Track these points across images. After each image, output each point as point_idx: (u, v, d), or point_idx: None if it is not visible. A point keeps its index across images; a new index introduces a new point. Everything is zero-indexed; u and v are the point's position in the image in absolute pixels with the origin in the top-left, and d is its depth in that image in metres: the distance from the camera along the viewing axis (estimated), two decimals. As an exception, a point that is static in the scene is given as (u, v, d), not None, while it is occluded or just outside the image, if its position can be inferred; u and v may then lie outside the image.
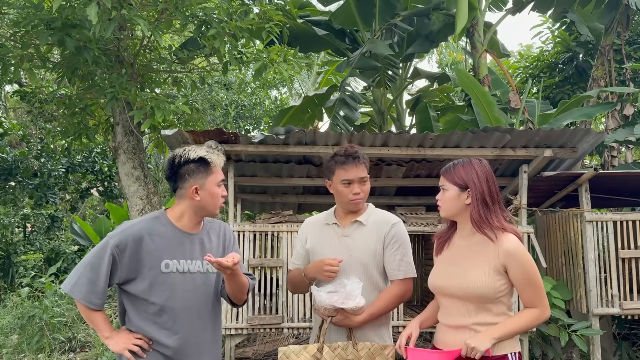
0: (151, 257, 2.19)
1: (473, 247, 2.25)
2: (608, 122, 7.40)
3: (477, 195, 2.22)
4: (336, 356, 2.35)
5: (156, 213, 2.33)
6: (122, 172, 5.78)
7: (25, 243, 9.94)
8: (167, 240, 2.24)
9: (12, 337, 6.55)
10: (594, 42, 8.31)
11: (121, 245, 2.16)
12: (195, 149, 2.28)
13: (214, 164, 2.27)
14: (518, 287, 2.19)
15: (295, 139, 4.41)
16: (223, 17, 5.30)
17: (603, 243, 4.62)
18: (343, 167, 2.47)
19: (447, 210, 2.30)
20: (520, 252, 2.16)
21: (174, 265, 2.22)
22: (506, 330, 2.14)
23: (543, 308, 2.19)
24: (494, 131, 4.36)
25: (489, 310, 2.18)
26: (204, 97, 10.66)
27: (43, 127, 8.74)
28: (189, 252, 2.27)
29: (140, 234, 2.19)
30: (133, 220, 2.30)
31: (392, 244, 2.51)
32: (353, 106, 6.99)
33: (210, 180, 2.25)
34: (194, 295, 2.26)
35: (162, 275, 2.20)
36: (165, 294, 2.20)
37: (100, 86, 5.51)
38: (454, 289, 2.23)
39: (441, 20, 8.19)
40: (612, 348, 5.09)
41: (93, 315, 2.21)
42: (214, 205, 2.28)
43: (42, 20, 4.77)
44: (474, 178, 2.24)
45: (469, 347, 2.09)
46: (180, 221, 2.28)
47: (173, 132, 4.27)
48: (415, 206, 5.34)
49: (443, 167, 2.36)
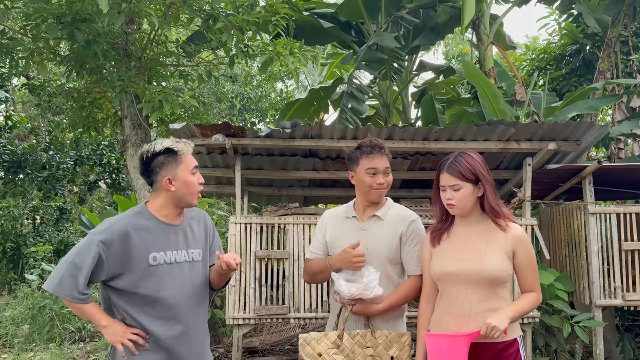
0: (139, 251, 2.21)
1: (481, 234, 2.32)
2: (614, 114, 7.39)
3: (490, 185, 2.30)
4: (355, 343, 2.43)
5: (137, 208, 2.34)
6: (131, 165, 5.85)
7: (35, 235, 10.06)
8: (152, 233, 2.26)
9: (24, 327, 6.67)
10: (601, 34, 8.28)
11: (107, 242, 2.16)
12: (161, 141, 2.29)
13: (182, 152, 2.27)
14: (521, 272, 2.31)
15: (301, 132, 4.46)
16: (230, 11, 5.34)
17: (606, 235, 4.65)
18: (369, 157, 2.57)
19: (464, 207, 2.31)
20: (527, 239, 2.32)
21: (161, 257, 2.25)
22: (517, 310, 2.25)
23: (539, 293, 2.35)
24: (499, 124, 4.39)
25: (498, 295, 2.28)
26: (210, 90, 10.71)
27: (51, 120, 8.82)
28: (174, 243, 2.29)
29: (125, 230, 2.20)
30: (115, 216, 2.30)
31: (410, 241, 2.58)
32: (360, 98, 7.03)
33: (182, 169, 2.26)
34: (183, 285, 2.30)
35: (150, 268, 2.22)
36: (155, 286, 2.22)
37: (108, 79, 5.57)
38: (470, 273, 2.27)
39: (447, 12, 8.18)
40: (615, 339, 5.14)
41: (83, 309, 2.21)
42: (190, 194, 2.29)
43: (52, 14, 4.83)
44: (481, 170, 2.29)
45: (489, 327, 2.14)
46: (162, 213, 2.30)
47: (181, 126, 4.32)
48: (420, 199, 5.38)
49: (445, 165, 2.34)
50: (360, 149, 2.60)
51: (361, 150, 2.60)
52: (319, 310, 4.41)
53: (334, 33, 8.09)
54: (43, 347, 6.19)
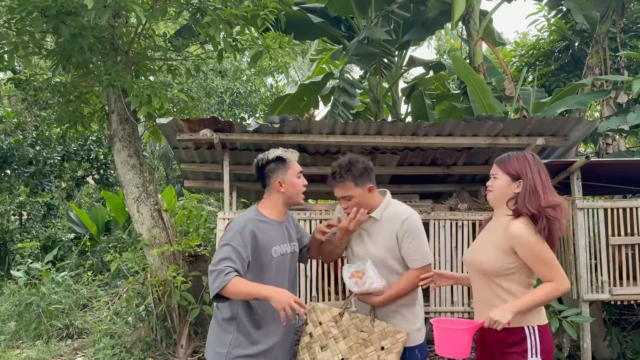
0: (265, 245, 2.57)
1: (493, 229, 2.53)
2: (603, 109, 7.44)
3: (528, 185, 2.41)
4: (352, 324, 2.66)
5: (252, 212, 2.69)
6: (118, 160, 5.79)
7: (22, 231, 9.95)
8: (270, 230, 2.63)
9: (10, 324, 6.60)
10: (590, 30, 8.32)
11: (241, 243, 2.50)
12: (273, 150, 2.69)
13: (290, 159, 2.69)
14: (530, 266, 2.40)
15: (290, 127, 4.44)
16: (218, 4, 5.29)
17: (594, 230, 4.67)
18: (332, 186, 2.72)
19: (496, 195, 2.52)
20: (524, 235, 2.36)
21: (279, 249, 2.64)
22: (524, 303, 2.34)
23: (560, 281, 2.37)
24: (487, 120, 4.39)
25: (501, 287, 2.43)
26: (199, 85, 10.63)
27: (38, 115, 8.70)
28: (282, 237, 2.69)
29: (252, 230, 2.55)
30: (236, 222, 2.61)
31: (405, 239, 2.67)
32: (352, 93, 7.03)
33: (290, 174, 2.67)
34: (290, 273, 2.73)
35: (272, 260, 2.60)
36: (274, 275, 2.60)
37: (95, 74, 5.50)
38: (470, 264, 2.58)
39: (437, 7, 8.18)
40: (602, 333, 5.17)
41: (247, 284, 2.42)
42: (297, 194, 2.70)
43: (37, 7, 4.75)
44: (527, 170, 2.44)
45: (492, 320, 2.30)
46: (273, 212, 2.69)
47: (168, 121, 4.29)
48: (409, 194, 5.38)
49: (498, 157, 2.58)
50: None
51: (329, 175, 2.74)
52: (307, 305, 4.40)
53: (323, 28, 8.06)
54: (30, 344, 6.13)
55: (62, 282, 7.17)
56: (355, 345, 2.61)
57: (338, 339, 2.64)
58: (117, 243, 9.39)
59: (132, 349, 5.60)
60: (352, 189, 2.63)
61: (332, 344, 2.64)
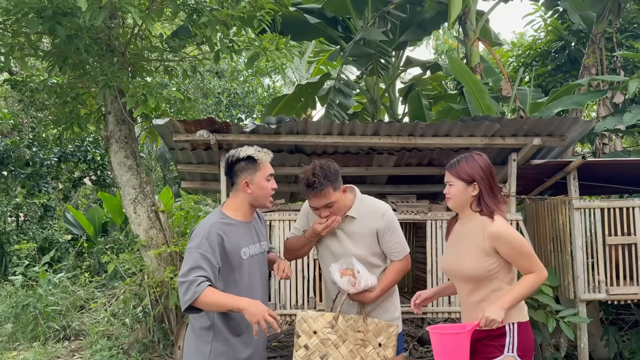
0: (233, 249, 2.50)
1: (466, 233, 2.51)
2: (599, 109, 7.44)
3: (486, 187, 2.44)
4: (349, 326, 2.62)
5: (216, 215, 2.58)
6: (115, 161, 5.77)
7: (18, 232, 9.92)
8: (237, 232, 2.54)
9: (7, 325, 6.58)
10: (586, 30, 8.33)
11: (208, 250, 2.42)
12: (245, 148, 2.59)
13: (261, 160, 2.58)
14: (511, 262, 2.43)
15: (287, 128, 4.43)
16: (214, 5, 5.28)
17: (590, 230, 4.68)
18: (307, 196, 2.65)
19: (455, 202, 2.52)
20: (504, 232, 2.39)
21: (248, 251, 2.57)
22: (513, 297, 2.38)
23: (539, 270, 2.43)
24: (484, 120, 4.40)
25: (487, 287, 2.44)
26: (196, 86, 10.62)
27: (34, 116, 8.68)
28: (250, 238, 2.61)
29: (219, 235, 2.46)
30: (200, 227, 2.51)
31: (386, 234, 2.70)
32: (348, 93, 7.02)
33: (259, 175, 2.57)
34: (260, 274, 2.65)
35: (243, 262, 2.53)
36: (244, 277, 2.53)
37: (91, 75, 5.49)
38: (451, 272, 2.56)
39: (434, 8, 8.19)
40: (599, 333, 5.18)
41: (220, 296, 2.36)
42: (264, 197, 2.60)
43: (33, 8, 4.73)
44: (479, 172, 2.45)
45: (488, 320, 2.31)
46: (238, 213, 2.59)
47: (165, 122, 4.28)
48: (406, 194, 5.38)
49: (448, 163, 2.57)
50: (302, 185, 2.64)
51: (302, 187, 2.65)
52: (305, 306, 4.40)
53: (320, 29, 8.05)
54: (27, 346, 6.12)
55: (59, 283, 7.16)
56: (356, 347, 2.58)
57: (338, 345, 2.57)
58: (114, 244, 9.37)
59: (130, 351, 5.59)
60: (332, 194, 2.59)
61: (332, 351, 2.56)
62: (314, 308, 4.35)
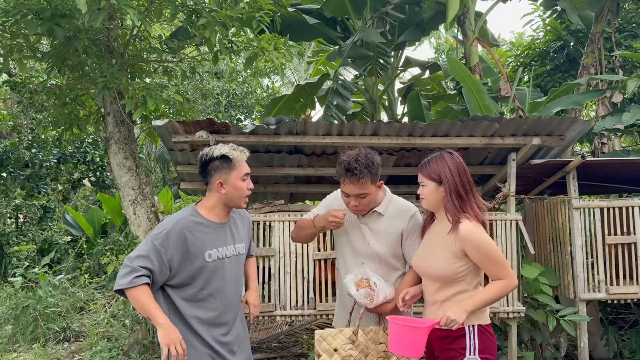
0: (196, 250, 2.42)
1: (439, 234, 2.48)
2: (598, 109, 7.45)
3: (451, 188, 2.40)
4: (369, 339, 2.54)
5: (188, 211, 2.52)
6: (114, 162, 5.78)
7: (18, 234, 9.92)
8: (206, 232, 2.47)
9: (7, 327, 6.57)
10: (585, 30, 8.34)
11: (165, 245, 2.37)
12: (220, 147, 2.50)
13: (236, 159, 2.48)
14: (480, 266, 2.40)
15: (286, 129, 4.42)
16: (213, 6, 5.29)
17: (590, 229, 4.68)
18: (343, 180, 2.51)
19: (429, 202, 2.49)
20: (474, 236, 2.34)
21: (214, 254, 2.48)
22: (477, 301, 2.36)
23: (509, 278, 2.38)
24: (483, 120, 4.39)
25: (453, 288, 2.42)
26: (194, 87, 10.62)
27: (33, 118, 8.70)
28: (222, 240, 2.52)
29: (182, 231, 2.40)
30: (169, 219, 2.47)
31: (411, 236, 2.64)
32: (345, 95, 7.01)
33: (234, 175, 2.48)
34: (231, 277, 2.55)
35: (206, 265, 2.45)
36: (210, 280, 2.45)
37: (90, 76, 5.49)
38: (420, 269, 2.53)
39: (432, 8, 8.19)
40: (599, 332, 5.19)
41: (143, 298, 2.31)
42: (238, 198, 2.51)
43: (31, 9, 4.74)
44: (446, 172, 2.41)
45: (448, 319, 2.29)
46: (213, 213, 2.52)
47: (164, 123, 4.27)
48: (406, 194, 5.37)
49: (420, 163, 2.54)
50: (340, 167, 2.51)
51: (341, 168, 2.51)
52: (305, 307, 4.40)
53: (319, 29, 8.05)
54: (27, 348, 6.11)
55: (59, 285, 7.15)
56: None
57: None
58: (113, 245, 9.35)
59: (130, 352, 5.59)
60: (369, 186, 2.49)
61: None
62: (314, 309, 4.35)
